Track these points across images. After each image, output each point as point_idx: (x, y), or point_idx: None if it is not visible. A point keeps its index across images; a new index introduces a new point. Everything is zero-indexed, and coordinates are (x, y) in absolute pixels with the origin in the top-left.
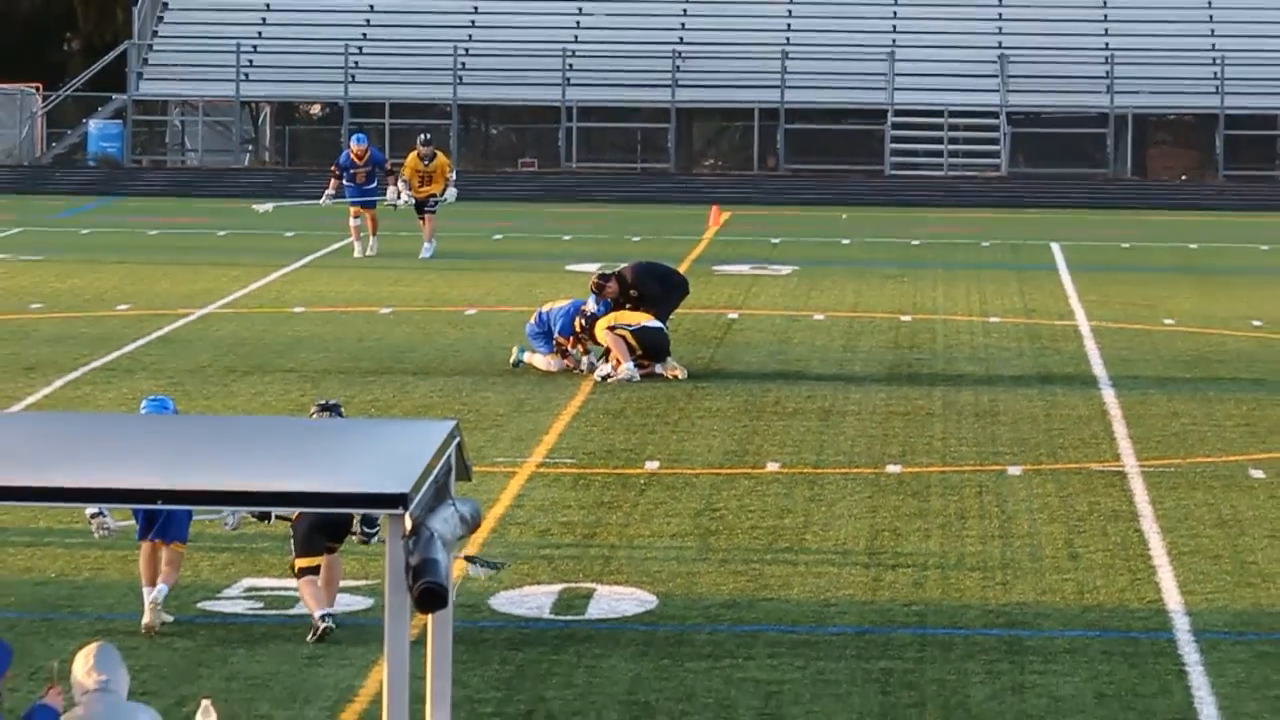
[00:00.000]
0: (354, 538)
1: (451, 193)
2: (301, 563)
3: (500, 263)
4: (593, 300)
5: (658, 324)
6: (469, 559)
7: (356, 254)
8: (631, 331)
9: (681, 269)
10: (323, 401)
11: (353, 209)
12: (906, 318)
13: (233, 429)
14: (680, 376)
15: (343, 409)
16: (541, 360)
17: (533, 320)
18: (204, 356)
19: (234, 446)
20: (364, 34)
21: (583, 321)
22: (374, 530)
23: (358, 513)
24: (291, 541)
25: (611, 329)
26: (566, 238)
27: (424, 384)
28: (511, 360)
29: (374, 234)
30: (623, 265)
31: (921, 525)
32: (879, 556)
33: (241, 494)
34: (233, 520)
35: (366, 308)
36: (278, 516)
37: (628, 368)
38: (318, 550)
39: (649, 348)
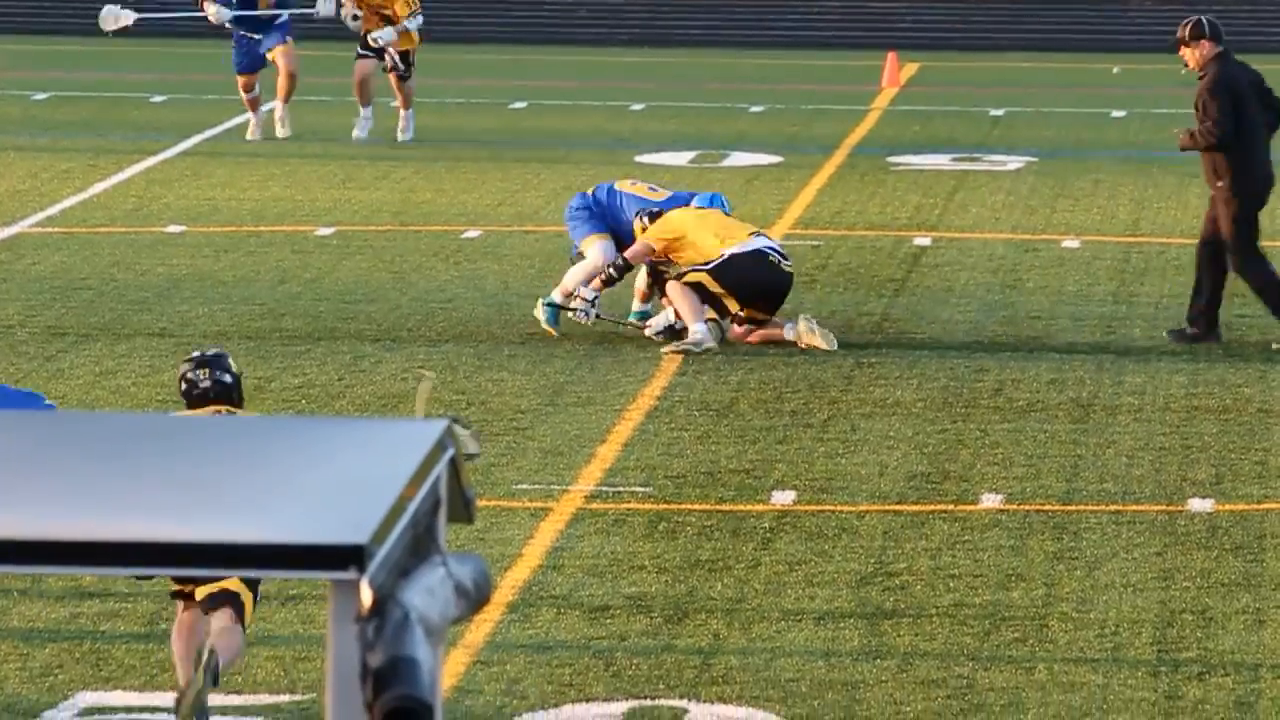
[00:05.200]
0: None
1: (412, 24)
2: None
3: (521, 151)
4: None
5: (766, 244)
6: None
7: (251, 134)
8: (711, 271)
9: (834, 162)
10: (198, 354)
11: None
12: None
13: (62, 433)
14: (826, 347)
15: (233, 366)
16: (596, 250)
17: (583, 194)
18: (12, 309)
19: (63, 463)
20: None
21: (645, 222)
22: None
23: None
24: None
25: (663, 267)
26: (636, 107)
27: (392, 357)
28: (543, 317)
29: (285, 99)
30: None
31: (1250, 602)
32: (1177, 655)
33: (69, 547)
34: None
35: (293, 226)
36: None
37: (698, 331)
38: None
39: (747, 292)
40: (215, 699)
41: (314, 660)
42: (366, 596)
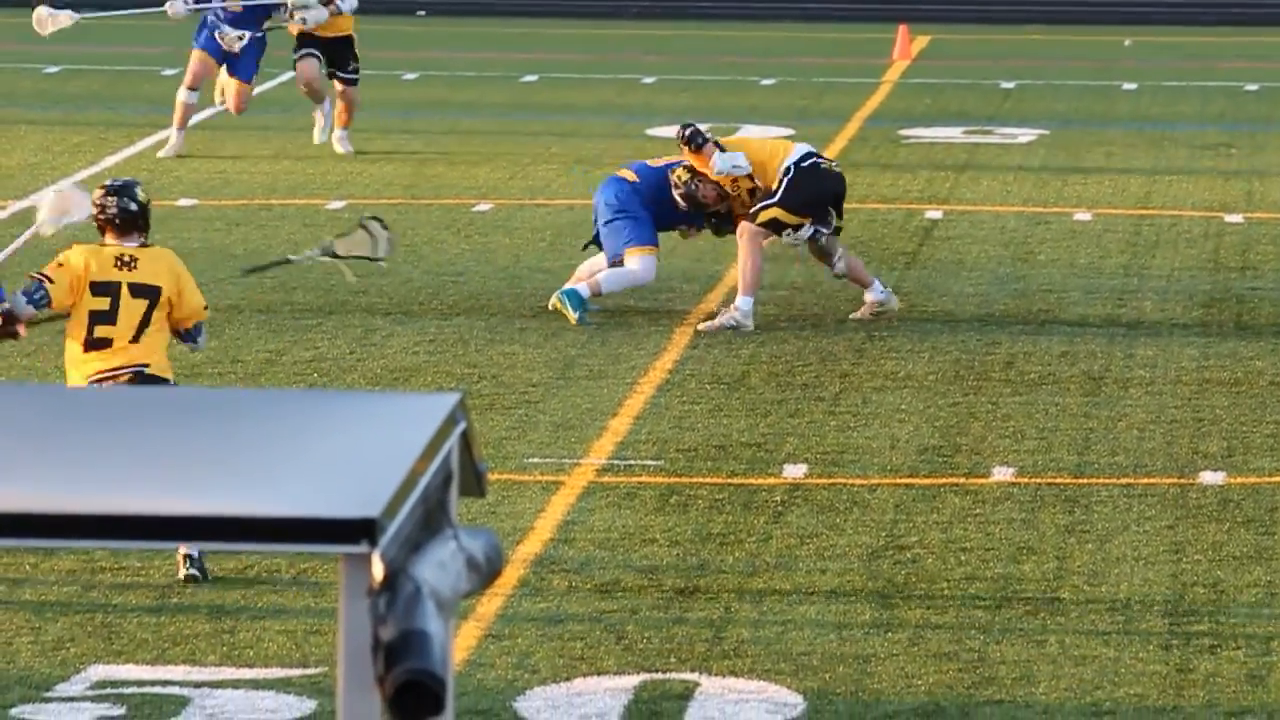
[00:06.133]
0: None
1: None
2: None
3: (532, 124)
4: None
5: (809, 150)
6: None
7: (171, 149)
8: (780, 204)
9: (846, 135)
10: (110, 182)
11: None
12: (1235, 218)
13: (73, 407)
14: (865, 315)
15: (140, 195)
16: (638, 264)
17: (622, 181)
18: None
19: (75, 437)
20: None
21: (683, 173)
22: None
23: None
24: None
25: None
26: (647, 81)
27: (403, 331)
28: (571, 310)
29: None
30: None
31: (1262, 575)
32: (1188, 628)
33: (82, 520)
34: None
35: (305, 200)
36: None
37: (742, 309)
38: None
39: (817, 210)
40: (227, 673)
41: (326, 634)
42: (378, 570)
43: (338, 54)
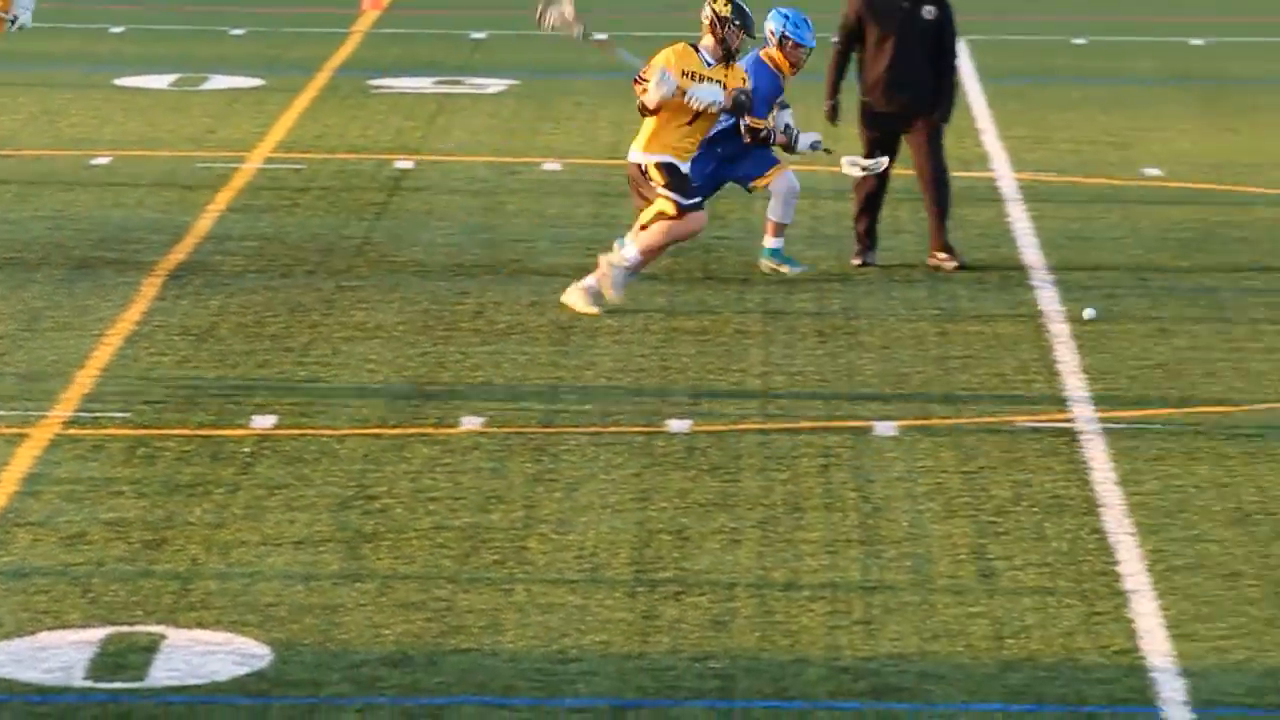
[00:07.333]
0: None
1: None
2: None
3: (30, 74)
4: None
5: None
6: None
7: None
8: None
9: (316, 85)
10: None
11: None
12: None
13: None
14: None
15: None
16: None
17: None
18: None
19: None
20: None
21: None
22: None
23: None
24: None
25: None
26: (115, 30)
27: None
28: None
29: None
30: None
31: (725, 522)
32: (652, 575)
33: None
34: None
35: None
36: None
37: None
38: None
39: None
40: None
41: None
42: None
43: None
